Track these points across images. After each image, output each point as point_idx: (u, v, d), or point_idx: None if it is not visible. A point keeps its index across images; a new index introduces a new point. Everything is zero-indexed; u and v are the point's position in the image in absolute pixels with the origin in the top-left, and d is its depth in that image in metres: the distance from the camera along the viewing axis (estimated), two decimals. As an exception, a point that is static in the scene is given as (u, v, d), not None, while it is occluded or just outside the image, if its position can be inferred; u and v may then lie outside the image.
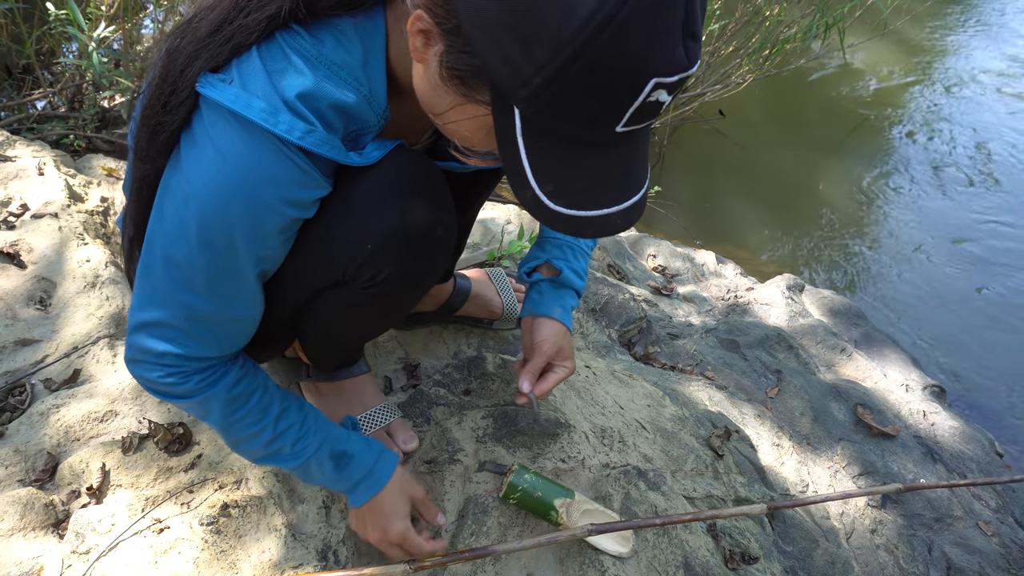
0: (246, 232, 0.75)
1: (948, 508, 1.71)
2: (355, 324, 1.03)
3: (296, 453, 0.94)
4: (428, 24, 0.64)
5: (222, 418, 0.89)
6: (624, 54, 0.56)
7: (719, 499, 1.39)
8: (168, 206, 0.77)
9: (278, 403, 0.93)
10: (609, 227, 0.68)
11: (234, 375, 0.88)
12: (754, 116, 4.02)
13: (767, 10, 3.32)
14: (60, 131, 2.30)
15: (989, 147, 3.88)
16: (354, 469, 0.99)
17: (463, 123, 0.70)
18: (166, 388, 0.84)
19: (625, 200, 0.69)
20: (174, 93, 0.73)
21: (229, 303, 0.82)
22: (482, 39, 0.60)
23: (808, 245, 3.31)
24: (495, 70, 0.61)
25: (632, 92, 0.58)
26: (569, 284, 1.16)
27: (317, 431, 0.96)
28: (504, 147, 0.65)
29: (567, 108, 0.60)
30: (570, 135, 0.63)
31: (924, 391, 2.09)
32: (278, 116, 0.70)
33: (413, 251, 0.87)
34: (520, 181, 0.66)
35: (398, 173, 0.83)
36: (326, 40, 0.73)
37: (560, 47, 0.55)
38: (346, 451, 0.98)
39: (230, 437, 0.93)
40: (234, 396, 0.88)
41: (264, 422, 0.91)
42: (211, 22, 0.72)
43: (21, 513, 1.08)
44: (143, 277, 0.81)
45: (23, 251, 1.55)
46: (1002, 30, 5.01)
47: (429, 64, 0.68)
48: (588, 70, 0.56)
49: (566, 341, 1.13)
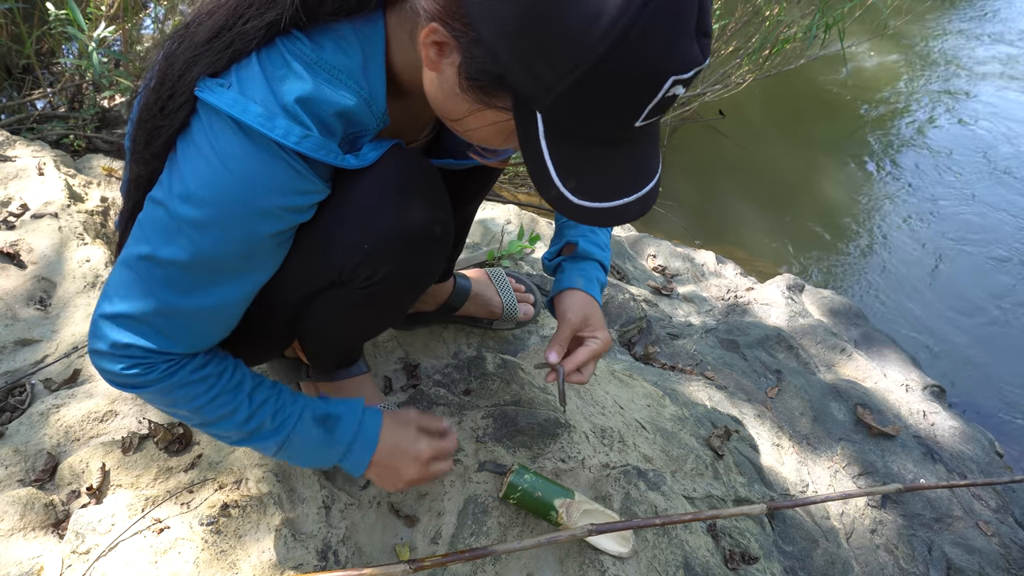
0: (240, 235, 0.75)
1: (948, 508, 1.71)
2: (353, 324, 1.03)
3: (278, 427, 0.91)
4: (444, 36, 0.66)
5: (189, 402, 0.85)
6: (644, 57, 0.58)
7: (719, 499, 1.39)
8: (159, 204, 0.76)
9: (250, 379, 0.90)
10: (629, 215, 0.71)
11: (199, 359, 0.85)
12: (754, 116, 4.02)
13: (767, 10, 3.33)
14: (60, 131, 2.30)
15: (993, 147, 3.88)
16: (343, 430, 0.96)
17: (482, 128, 0.73)
18: (129, 380, 0.81)
19: (642, 188, 0.71)
20: (172, 97, 0.73)
21: (210, 304, 0.80)
22: (504, 50, 0.62)
23: (808, 245, 3.31)
24: (518, 80, 0.63)
25: (652, 91, 0.60)
26: (588, 256, 1.14)
27: (295, 400, 0.94)
28: (527, 149, 0.68)
29: (589, 111, 0.62)
30: (591, 134, 0.66)
31: (924, 391, 2.09)
32: (275, 121, 0.70)
33: (410, 250, 0.87)
34: (544, 180, 0.68)
35: (395, 173, 0.83)
36: (326, 45, 0.73)
37: (583, 55, 0.57)
38: (330, 413, 0.96)
39: (203, 419, 0.88)
40: (203, 376, 0.85)
41: (238, 398, 0.88)
42: (210, 27, 0.72)
43: (21, 513, 1.08)
44: (122, 268, 0.78)
45: (23, 251, 1.55)
46: (1003, 29, 5.01)
47: (444, 73, 0.70)
48: (610, 75, 0.58)
49: (593, 310, 1.08)
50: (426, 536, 1.16)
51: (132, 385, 0.82)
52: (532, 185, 3.34)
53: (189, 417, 0.89)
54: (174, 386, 0.83)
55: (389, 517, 1.19)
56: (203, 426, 0.91)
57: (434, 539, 1.15)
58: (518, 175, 3.12)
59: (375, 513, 1.18)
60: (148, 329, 0.79)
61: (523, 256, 1.95)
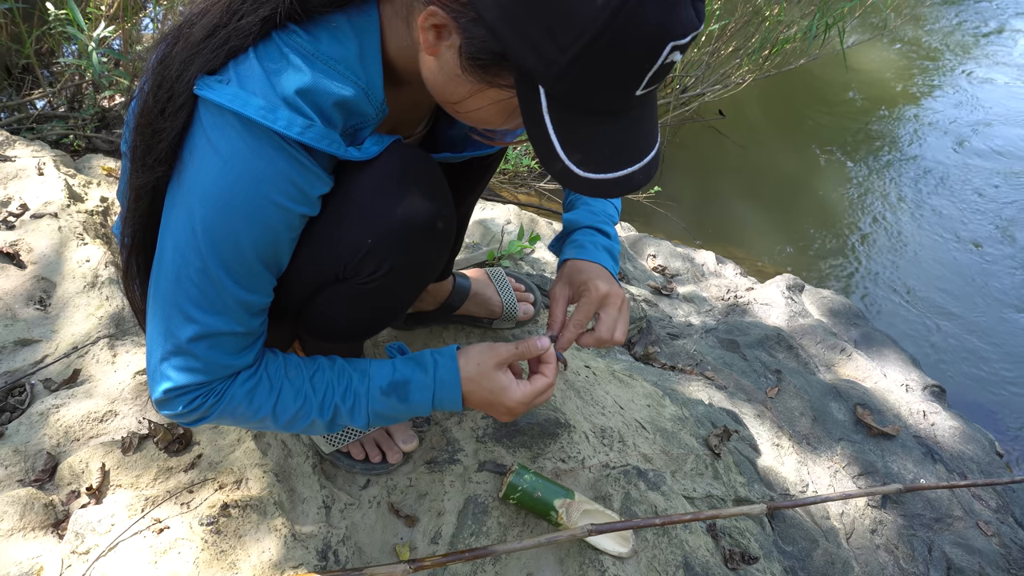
0: (254, 233, 0.75)
1: (948, 508, 1.71)
2: (354, 320, 1.02)
3: (352, 407, 0.89)
4: (443, 19, 0.67)
5: (258, 412, 0.85)
6: (644, 25, 0.59)
7: (719, 499, 1.39)
8: (175, 225, 0.76)
9: (306, 367, 0.90)
10: (633, 184, 0.73)
11: (246, 372, 0.86)
12: (754, 116, 4.02)
13: (767, 10, 3.33)
14: (60, 131, 2.30)
15: (997, 146, 3.88)
16: (416, 393, 0.91)
17: (484, 108, 0.74)
18: (191, 416, 0.83)
19: (644, 157, 0.73)
20: (171, 99, 0.72)
21: (235, 315, 0.80)
22: (505, 28, 0.63)
23: (808, 245, 3.31)
24: (520, 56, 0.63)
25: (651, 58, 0.62)
26: (578, 224, 1.10)
27: (362, 376, 0.91)
28: (531, 125, 0.69)
29: (592, 82, 0.63)
30: (594, 106, 0.67)
31: (924, 391, 2.09)
32: (277, 112, 0.70)
33: (413, 244, 0.87)
34: (549, 154, 0.69)
35: (397, 167, 0.84)
36: (321, 36, 0.73)
37: (585, 27, 0.59)
38: (396, 381, 0.91)
39: (283, 422, 0.88)
40: (255, 384, 0.85)
41: (302, 390, 0.87)
42: (204, 27, 0.72)
43: (21, 513, 1.08)
44: (152, 306, 0.80)
45: (23, 251, 1.55)
46: (1004, 28, 5.01)
47: (443, 56, 0.71)
48: (611, 45, 0.59)
49: (574, 270, 1.04)
50: (426, 536, 1.16)
51: (197, 419, 0.84)
52: (532, 185, 3.32)
53: (272, 425, 0.89)
54: (235, 403, 0.84)
55: (389, 517, 1.19)
56: (289, 427, 0.90)
57: (434, 539, 1.15)
58: (518, 175, 3.12)
59: (375, 513, 1.18)
60: (187, 361, 0.80)
61: (523, 256, 1.95)
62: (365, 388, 0.91)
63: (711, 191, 3.60)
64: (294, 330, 1.04)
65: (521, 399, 0.92)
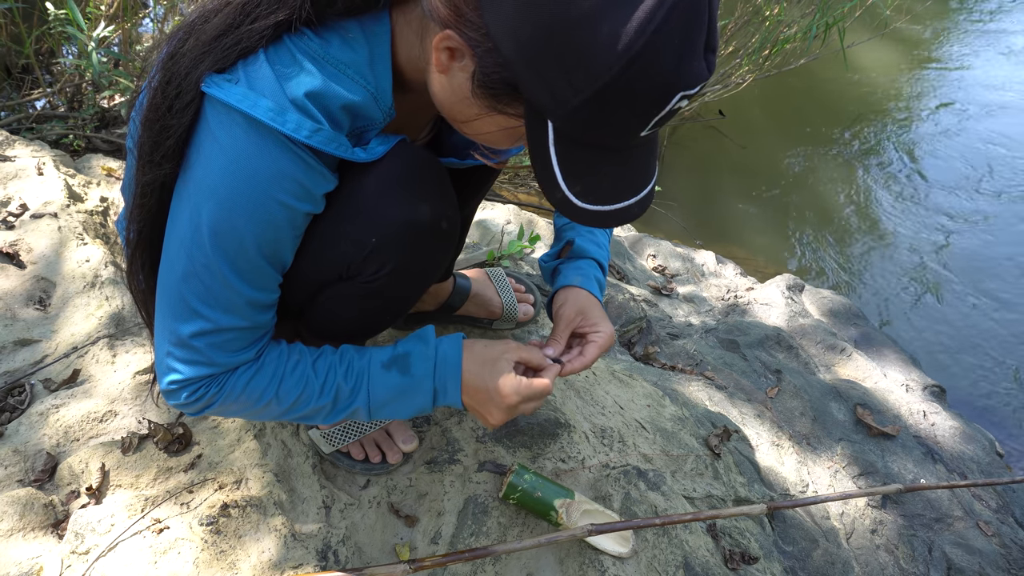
0: (258, 231, 0.76)
1: (948, 508, 1.71)
2: (358, 320, 1.02)
3: (354, 387, 0.89)
4: (458, 43, 0.67)
5: (260, 399, 0.86)
6: (657, 75, 0.60)
7: (719, 499, 1.39)
8: (181, 222, 0.77)
9: (308, 354, 0.90)
10: (629, 216, 0.75)
11: (249, 362, 0.87)
12: (754, 116, 4.02)
13: (767, 10, 3.32)
14: (59, 131, 2.30)
15: (998, 146, 3.87)
16: (418, 364, 0.90)
17: (491, 132, 0.76)
18: (194, 406, 0.85)
19: (641, 190, 0.75)
20: (179, 96, 0.73)
21: (240, 311, 0.81)
22: (520, 63, 0.64)
23: (808, 245, 3.31)
24: (534, 92, 0.65)
25: (660, 105, 0.63)
26: (584, 254, 1.13)
27: (362, 355, 0.91)
28: (535, 154, 0.71)
29: (600, 122, 0.65)
30: (598, 142, 0.69)
31: (924, 391, 2.08)
32: (285, 115, 0.70)
33: (417, 245, 0.87)
34: (551, 184, 0.71)
35: (402, 168, 0.84)
36: (332, 40, 0.74)
37: (600, 72, 0.60)
38: (396, 353, 0.91)
39: (286, 409, 0.88)
40: (256, 370, 0.86)
41: (304, 374, 0.88)
42: (216, 26, 0.72)
43: (20, 513, 1.08)
44: (160, 298, 0.81)
45: (23, 251, 1.54)
46: (1005, 26, 5.01)
47: (453, 77, 0.72)
48: (623, 91, 0.61)
49: (589, 303, 1.04)
50: (426, 536, 1.16)
51: (201, 408, 0.85)
52: (532, 185, 3.33)
53: (275, 413, 0.89)
54: (238, 392, 0.85)
55: (389, 517, 1.19)
56: (292, 415, 0.90)
57: (434, 539, 1.15)
58: (518, 175, 3.12)
59: (375, 513, 1.18)
60: (192, 354, 0.81)
61: (523, 256, 1.95)
62: (366, 363, 0.90)
63: (711, 191, 3.60)
64: (296, 329, 1.04)
65: (517, 389, 0.90)
